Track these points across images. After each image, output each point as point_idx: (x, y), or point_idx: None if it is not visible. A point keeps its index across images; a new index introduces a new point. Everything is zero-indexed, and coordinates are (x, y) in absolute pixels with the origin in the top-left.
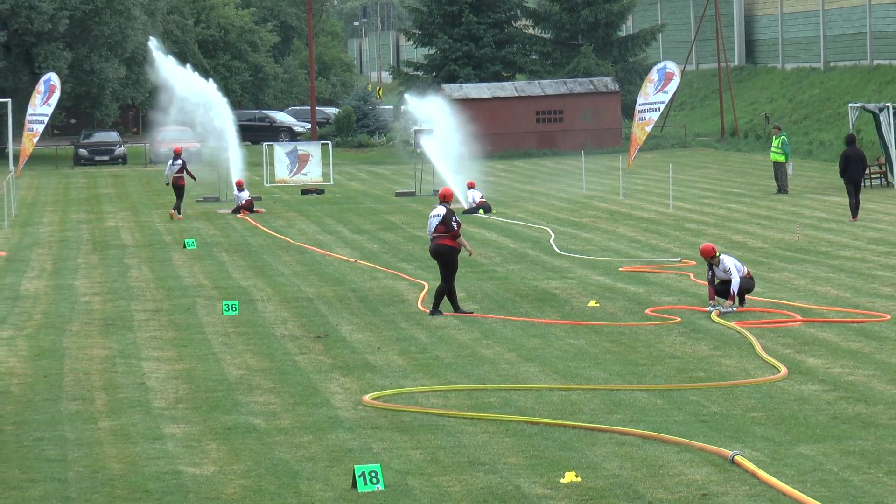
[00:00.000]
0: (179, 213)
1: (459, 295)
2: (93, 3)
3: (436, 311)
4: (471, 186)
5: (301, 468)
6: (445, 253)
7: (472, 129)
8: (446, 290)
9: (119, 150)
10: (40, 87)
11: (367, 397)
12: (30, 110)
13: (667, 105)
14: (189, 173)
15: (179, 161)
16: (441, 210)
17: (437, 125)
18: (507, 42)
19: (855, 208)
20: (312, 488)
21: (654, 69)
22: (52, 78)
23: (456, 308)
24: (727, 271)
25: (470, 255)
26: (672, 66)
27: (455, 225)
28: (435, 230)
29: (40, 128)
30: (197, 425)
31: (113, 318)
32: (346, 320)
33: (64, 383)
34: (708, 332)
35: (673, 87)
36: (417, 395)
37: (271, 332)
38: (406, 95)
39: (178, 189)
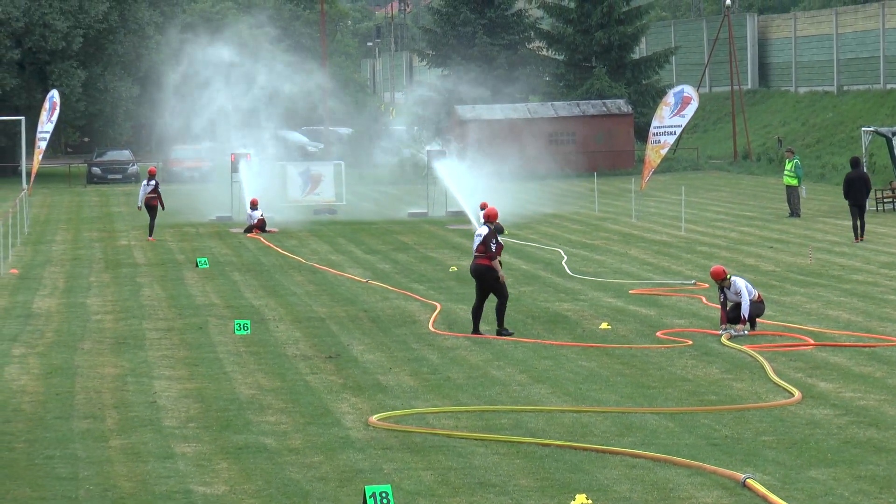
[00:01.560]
0: (151, 234)
1: (471, 316)
2: (107, 22)
3: (503, 329)
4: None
5: (311, 488)
6: (483, 273)
7: (484, 151)
8: (476, 308)
9: (132, 169)
10: (46, 104)
11: (373, 418)
12: (39, 128)
13: (678, 132)
14: (159, 197)
15: (153, 182)
16: (483, 230)
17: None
18: (520, 64)
19: (860, 230)
20: None
21: (671, 92)
22: (55, 95)
23: (475, 329)
24: (738, 293)
25: (501, 279)
26: (689, 91)
27: (493, 246)
28: (476, 249)
29: (43, 144)
30: (208, 444)
31: (125, 336)
32: (358, 340)
33: (75, 401)
34: (719, 355)
35: (690, 111)
36: (428, 416)
37: (283, 351)
38: (434, 161)
39: (151, 210)
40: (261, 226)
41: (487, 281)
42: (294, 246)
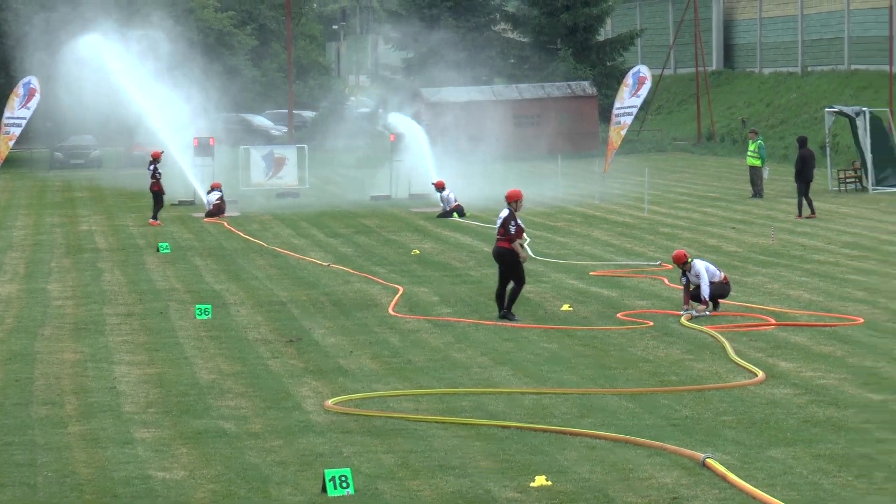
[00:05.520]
0: (156, 218)
1: (433, 299)
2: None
3: (509, 313)
4: (440, 187)
5: (271, 472)
6: (503, 255)
7: (449, 133)
8: (498, 293)
9: (94, 154)
10: (19, 89)
11: (329, 402)
12: (6, 113)
13: (641, 109)
14: (158, 182)
15: (153, 166)
16: (504, 212)
17: (415, 134)
18: (486, 46)
19: (809, 205)
20: (282, 493)
21: (630, 73)
22: (33, 81)
23: (502, 313)
24: (698, 275)
25: (523, 260)
26: (644, 71)
27: (513, 229)
28: (497, 232)
29: (17, 131)
30: (167, 430)
31: (85, 321)
32: (319, 324)
33: (34, 387)
34: (680, 335)
35: (644, 91)
36: (389, 398)
37: (244, 335)
38: (388, 115)
39: (153, 194)
40: (216, 211)
41: (507, 263)
42: (256, 230)
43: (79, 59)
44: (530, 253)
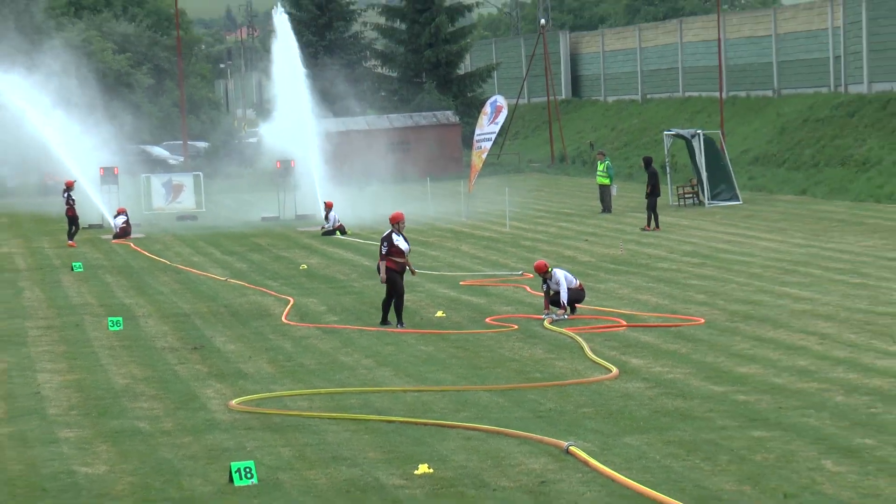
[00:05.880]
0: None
1: (321, 308)
2: None
3: (385, 322)
4: (328, 207)
5: (183, 466)
6: (378, 271)
7: (329, 160)
8: (384, 302)
9: (11, 185)
10: None
11: (233, 402)
12: None
13: (500, 135)
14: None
15: (66, 193)
16: (386, 233)
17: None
18: (358, 80)
19: (655, 220)
20: (193, 483)
21: (487, 103)
22: None
23: (394, 320)
24: (558, 283)
25: (382, 281)
26: (501, 100)
27: (384, 249)
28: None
29: None
30: (88, 429)
31: (8, 334)
32: (220, 333)
33: None
34: (543, 337)
35: (502, 118)
36: (286, 398)
37: (153, 344)
38: (260, 130)
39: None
40: (123, 233)
41: (388, 279)
42: (160, 249)
43: None
44: (415, 270)
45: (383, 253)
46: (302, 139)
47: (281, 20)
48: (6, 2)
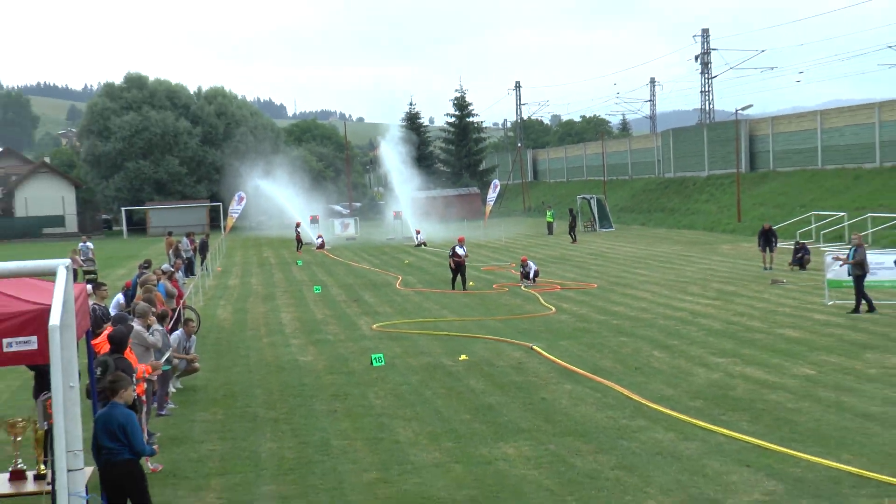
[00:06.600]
0: None
1: (413, 281)
2: None
3: (453, 288)
4: (418, 232)
5: (349, 356)
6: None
7: (418, 210)
8: (452, 279)
9: None
10: None
11: (374, 326)
12: None
13: (497, 198)
14: None
15: None
16: (453, 246)
17: None
18: (431, 172)
19: (573, 237)
20: (353, 365)
21: (492, 184)
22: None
23: (458, 287)
24: (529, 267)
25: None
26: (498, 182)
27: (450, 252)
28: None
29: None
30: (303, 339)
31: (267, 295)
32: (366, 293)
33: None
34: (521, 295)
35: (498, 190)
36: (399, 324)
37: (335, 298)
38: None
39: None
40: (321, 247)
41: None
42: (338, 254)
43: None
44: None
45: (451, 254)
46: (404, 201)
47: (385, 149)
48: (263, 139)
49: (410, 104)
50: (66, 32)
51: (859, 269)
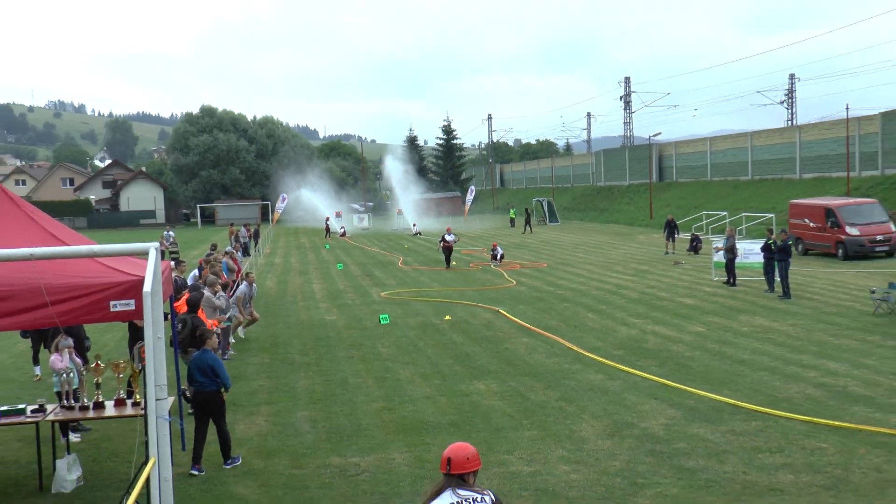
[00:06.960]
0: None
1: (412, 261)
2: None
3: (447, 266)
4: (415, 225)
5: (363, 316)
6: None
7: (416, 208)
8: (446, 259)
9: None
10: None
11: (382, 294)
12: None
13: (474, 200)
14: None
15: None
16: (443, 234)
17: None
18: (426, 180)
19: (530, 228)
20: (366, 322)
21: (469, 189)
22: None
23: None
24: (498, 251)
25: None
26: (473, 188)
27: (440, 238)
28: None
29: None
30: (328, 304)
31: (299, 270)
32: (377, 269)
33: None
34: (490, 272)
35: (474, 194)
36: (402, 292)
37: (352, 273)
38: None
39: None
40: (343, 235)
41: None
42: (356, 240)
43: None
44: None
45: (440, 241)
46: (405, 201)
47: (391, 163)
48: (300, 154)
49: (410, 129)
50: (157, 74)
51: (731, 253)
